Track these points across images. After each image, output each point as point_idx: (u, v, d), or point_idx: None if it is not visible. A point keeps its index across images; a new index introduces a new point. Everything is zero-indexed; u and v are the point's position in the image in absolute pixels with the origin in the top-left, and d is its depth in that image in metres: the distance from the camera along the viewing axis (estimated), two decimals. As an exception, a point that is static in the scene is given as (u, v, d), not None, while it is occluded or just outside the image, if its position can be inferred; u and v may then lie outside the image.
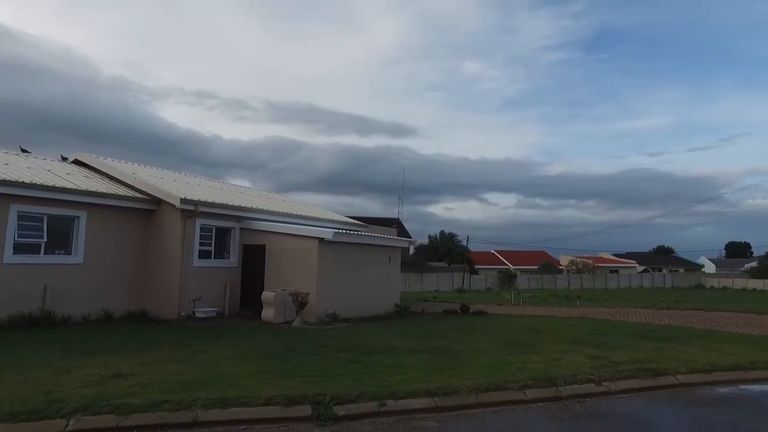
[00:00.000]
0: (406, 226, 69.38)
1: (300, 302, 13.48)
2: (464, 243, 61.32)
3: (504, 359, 8.12)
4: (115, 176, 15.42)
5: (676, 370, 7.39)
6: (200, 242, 14.93)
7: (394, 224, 59.08)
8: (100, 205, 13.38)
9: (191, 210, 14.23)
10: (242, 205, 16.56)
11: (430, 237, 67.88)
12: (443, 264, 61.60)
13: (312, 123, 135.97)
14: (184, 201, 13.88)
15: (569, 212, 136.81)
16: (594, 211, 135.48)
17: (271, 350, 8.90)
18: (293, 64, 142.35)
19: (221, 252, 15.94)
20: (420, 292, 44.77)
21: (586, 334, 11.40)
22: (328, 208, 32.24)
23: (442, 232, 66.97)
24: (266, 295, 14.02)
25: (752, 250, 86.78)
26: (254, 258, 15.85)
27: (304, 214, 19.87)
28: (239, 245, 16.26)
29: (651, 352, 8.89)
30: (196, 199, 14.49)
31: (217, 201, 15.52)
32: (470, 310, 17.47)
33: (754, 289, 48.62)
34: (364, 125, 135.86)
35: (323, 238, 14.70)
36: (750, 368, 7.72)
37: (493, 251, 74.91)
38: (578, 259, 64.93)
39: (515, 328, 12.72)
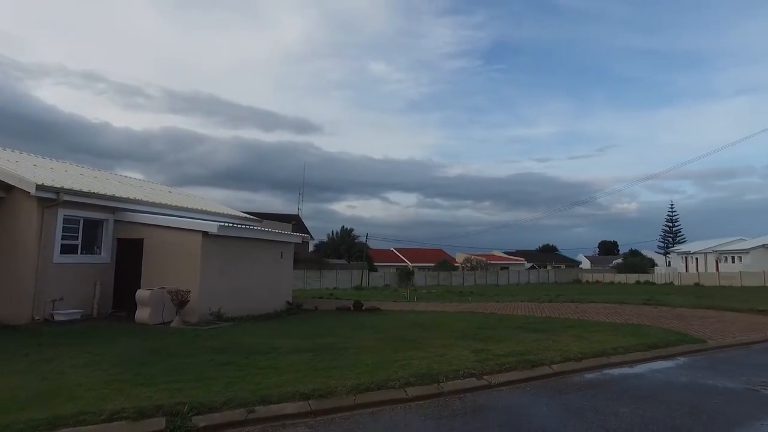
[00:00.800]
0: (308, 223, 68.39)
1: (180, 301, 12.40)
2: (364, 240, 61.65)
3: (389, 356, 7.92)
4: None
5: (552, 360, 7.64)
6: (64, 235, 13.25)
7: (294, 221, 57.73)
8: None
9: (52, 198, 12.53)
10: (116, 194, 14.95)
11: (330, 234, 67.39)
12: (343, 261, 61.42)
13: (213, 115, 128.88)
14: (41, 188, 12.17)
15: (467, 212, 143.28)
16: (489, 211, 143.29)
17: (134, 355, 7.94)
18: (195, 53, 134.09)
19: (91, 246, 14.28)
20: (318, 290, 44.19)
21: (474, 328, 11.63)
22: (227, 204, 30.53)
23: (342, 228, 66.78)
24: (141, 293, 12.75)
25: (619, 248, 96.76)
26: (130, 253, 14.37)
27: (191, 207, 18.50)
28: (113, 239, 14.68)
29: (531, 343, 9.19)
30: (57, 186, 12.77)
31: (85, 189, 13.84)
32: (363, 307, 17.31)
33: (620, 282, 54.10)
34: (268, 120, 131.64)
35: (208, 232, 13.70)
36: (612, 353, 8.24)
37: (392, 249, 76.16)
38: (472, 257, 68.02)
39: (405, 324, 12.70)
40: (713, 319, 13.44)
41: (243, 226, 16.51)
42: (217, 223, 14.40)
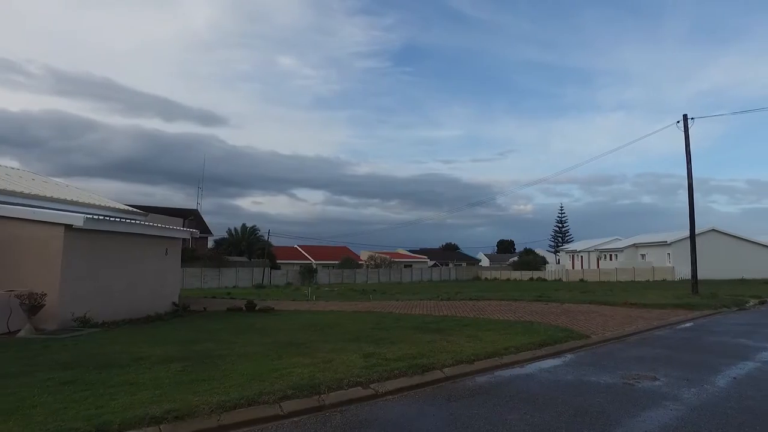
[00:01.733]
0: (210, 218, 64.83)
1: (31, 306, 10.65)
2: (267, 237, 59.54)
3: (270, 365, 7.15)
4: None
5: (444, 363, 7.32)
6: None
7: (191, 216, 54.42)
8: None
9: None
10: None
11: (230, 231, 64.20)
12: (244, 259, 58.88)
13: (108, 100, 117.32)
14: None
15: (374, 210, 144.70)
16: (396, 210, 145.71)
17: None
18: (89, 31, 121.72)
19: None
20: (216, 289, 41.83)
21: (369, 329, 11.16)
22: (120, 197, 27.61)
23: (243, 225, 64.09)
24: (-21, 298, 10.80)
25: (515, 246, 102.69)
26: (-28, 250, 12.18)
27: (56, 197, 16.26)
28: (-52, 233, 12.37)
29: (425, 345, 8.87)
30: None
31: None
32: (257, 308, 16.27)
33: (516, 279, 57.17)
34: (169, 109, 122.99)
35: (72, 225, 11.96)
36: (504, 353, 8.12)
37: (296, 246, 74.48)
38: (377, 255, 68.34)
39: (297, 326, 11.94)
40: (595, 313, 14.14)
41: (119, 220, 14.75)
42: (83, 215, 12.64)
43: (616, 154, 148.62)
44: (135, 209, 21.93)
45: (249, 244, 61.70)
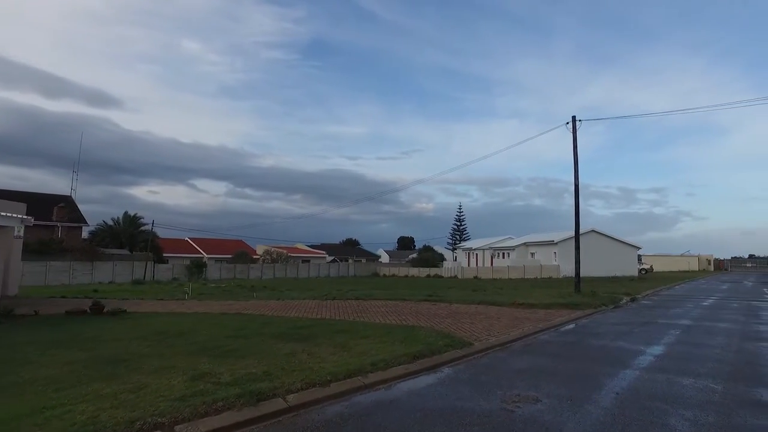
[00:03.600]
0: (100, 208, 58.41)
1: None
2: (151, 227, 54.31)
3: (50, 398, 5.23)
4: None
5: (290, 386, 5.83)
6: None
7: (63, 203, 48.23)
8: None
9: None
10: None
11: (114, 220, 57.66)
12: (125, 251, 53.33)
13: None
14: None
15: (277, 204, 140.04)
16: (299, 204, 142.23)
17: None
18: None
19: None
20: (87, 285, 37.03)
21: (224, 337, 9.40)
22: None
23: (125, 214, 57.93)
24: None
25: (415, 243, 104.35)
26: None
27: None
28: None
29: (280, 359, 7.34)
30: None
31: None
32: (105, 309, 13.71)
33: (413, 276, 57.49)
34: (52, 84, 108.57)
35: None
36: (370, 370, 6.81)
37: (187, 239, 69.34)
38: (273, 249, 65.50)
39: (140, 334, 9.85)
40: (482, 315, 13.48)
41: None
42: None
43: (511, 159, 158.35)
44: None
45: (131, 235, 55.98)
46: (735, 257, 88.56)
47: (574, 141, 20.94)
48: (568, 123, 21.38)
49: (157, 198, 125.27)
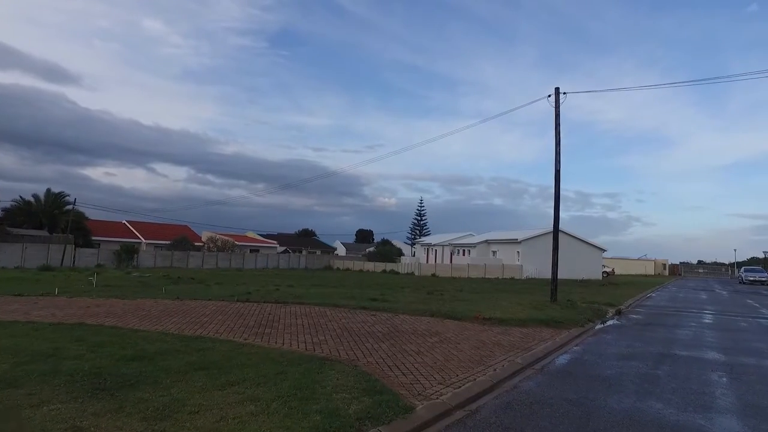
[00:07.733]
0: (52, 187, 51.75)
1: None
2: (72, 206, 48.09)
3: None
4: None
5: None
6: None
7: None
8: None
9: None
10: None
11: (34, 197, 50.95)
12: (43, 233, 47.17)
13: None
14: None
15: (239, 192, 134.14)
16: (262, 193, 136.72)
17: None
18: None
19: None
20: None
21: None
22: None
23: (48, 191, 51.39)
24: None
25: (374, 236, 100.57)
26: None
27: None
28: None
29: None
30: None
31: None
32: None
33: (368, 270, 53.59)
34: (2, 55, 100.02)
35: None
36: None
37: (125, 222, 63.22)
38: (218, 236, 60.27)
39: None
40: (435, 336, 9.64)
41: None
42: None
43: (474, 158, 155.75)
44: None
45: (52, 215, 49.65)
46: (684, 262, 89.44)
47: (556, 117, 17.41)
48: (550, 96, 17.80)
49: (113, 180, 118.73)
